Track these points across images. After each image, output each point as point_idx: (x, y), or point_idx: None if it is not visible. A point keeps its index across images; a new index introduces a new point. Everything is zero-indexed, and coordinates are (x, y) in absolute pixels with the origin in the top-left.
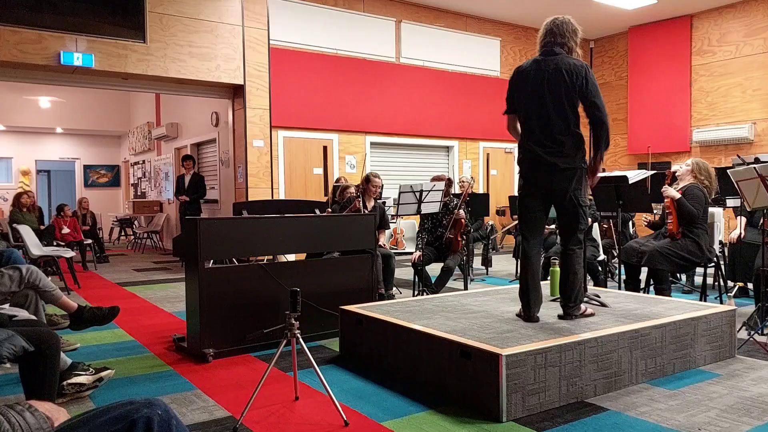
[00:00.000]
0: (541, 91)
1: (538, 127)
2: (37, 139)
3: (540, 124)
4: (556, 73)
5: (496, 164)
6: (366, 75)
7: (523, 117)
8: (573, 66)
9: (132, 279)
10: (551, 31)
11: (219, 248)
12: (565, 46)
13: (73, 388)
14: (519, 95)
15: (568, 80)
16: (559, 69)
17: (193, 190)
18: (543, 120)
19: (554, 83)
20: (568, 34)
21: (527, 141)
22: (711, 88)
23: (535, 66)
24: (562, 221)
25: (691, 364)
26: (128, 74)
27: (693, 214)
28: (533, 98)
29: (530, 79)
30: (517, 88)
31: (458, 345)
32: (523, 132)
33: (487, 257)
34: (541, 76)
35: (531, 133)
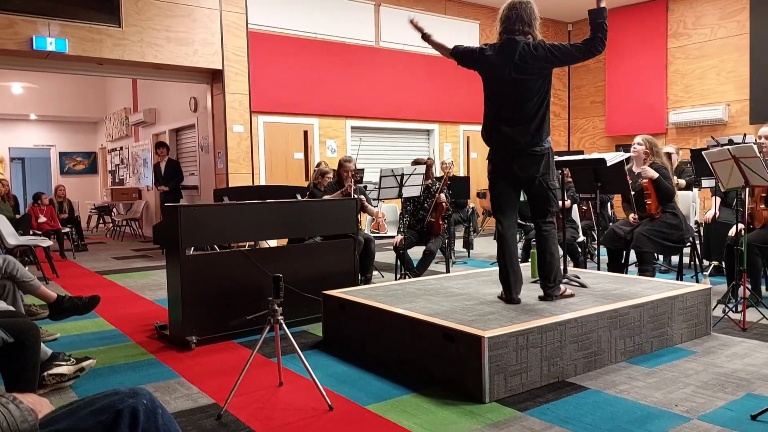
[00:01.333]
0: (505, 77)
1: (504, 113)
2: (10, 126)
3: (506, 110)
4: (520, 60)
5: (477, 147)
6: (346, 59)
7: (489, 103)
8: (532, 47)
9: (111, 267)
10: (517, 17)
11: (200, 235)
12: (528, 35)
13: (54, 378)
14: (485, 78)
15: (531, 63)
16: (522, 55)
17: (170, 176)
18: (509, 106)
19: (519, 69)
20: (532, 22)
21: (495, 126)
22: (687, 71)
23: (498, 54)
24: (534, 205)
25: (668, 342)
26: (103, 59)
27: (671, 192)
28: (498, 85)
29: (494, 66)
30: (481, 69)
31: (441, 328)
32: (490, 117)
33: (468, 240)
34: (506, 63)
35: (498, 119)
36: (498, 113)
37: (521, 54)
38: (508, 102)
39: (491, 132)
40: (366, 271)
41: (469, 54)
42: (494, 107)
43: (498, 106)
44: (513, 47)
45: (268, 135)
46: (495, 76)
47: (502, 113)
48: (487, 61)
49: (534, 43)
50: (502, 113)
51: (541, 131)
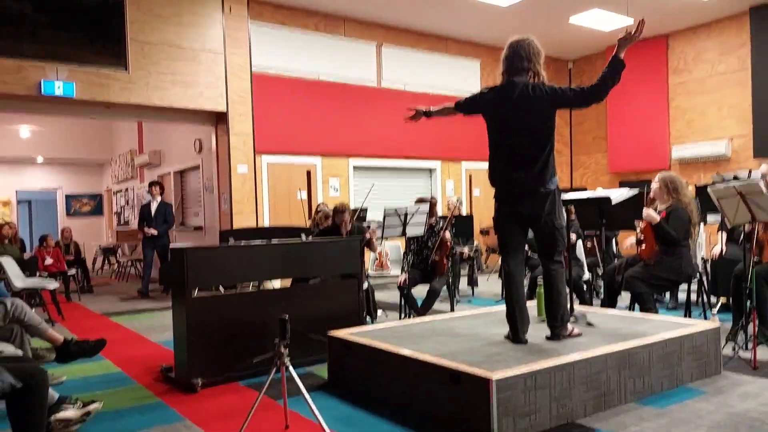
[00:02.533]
0: (508, 118)
1: (507, 156)
2: (17, 169)
3: (509, 152)
4: (522, 99)
5: (479, 184)
6: (348, 99)
7: (493, 145)
8: (530, 87)
9: (117, 309)
10: (515, 55)
11: (206, 277)
12: (530, 71)
13: (61, 423)
14: (488, 121)
15: (529, 104)
16: (521, 96)
17: (162, 219)
18: (512, 148)
19: (521, 109)
20: (533, 58)
21: (499, 168)
22: (688, 106)
23: (498, 96)
24: (540, 244)
25: (678, 382)
26: (111, 103)
27: (672, 239)
28: (500, 127)
29: (495, 108)
30: (485, 112)
31: (448, 370)
32: (494, 159)
33: (473, 277)
34: (508, 103)
35: (501, 161)
36: (502, 155)
37: (520, 94)
38: (510, 144)
39: (495, 174)
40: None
41: (471, 101)
42: (498, 149)
43: (501, 148)
44: (512, 88)
45: (271, 175)
46: (497, 118)
47: (506, 155)
48: (488, 103)
49: (533, 83)
50: (505, 155)
51: (545, 173)
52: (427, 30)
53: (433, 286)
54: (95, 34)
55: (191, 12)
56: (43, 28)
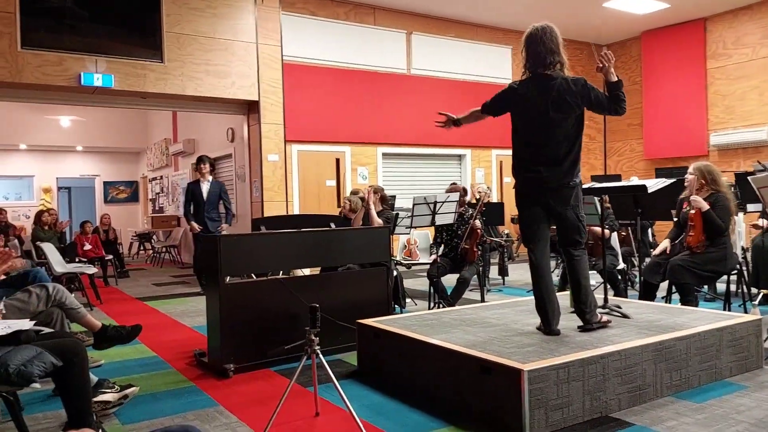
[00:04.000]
0: (541, 115)
1: (537, 153)
2: (58, 157)
3: (539, 149)
4: (558, 96)
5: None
6: (377, 87)
7: (520, 141)
8: (571, 81)
9: (152, 293)
10: (544, 50)
11: (239, 264)
12: (559, 63)
13: (100, 405)
14: (518, 116)
15: (569, 99)
16: (560, 91)
17: (215, 202)
18: (542, 145)
19: (556, 106)
20: (558, 48)
21: (526, 165)
22: (727, 92)
23: (532, 91)
24: (565, 235)
25: (717, 376)
26: (147, 93)
27: (720, 228)
28: (532, 123)
29: (529, 103)
30: (514, 107)
31: (478, 360)
32: (521, 156)
33: (504, 266)
34: (543, 100)
35: (530, 158)
36: (531, 151)
37: (559, 90)
38: (541, 141)
39: (520, 171)
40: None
41: (498, 100)
42: (527, 145)
43: (531, 143)
44: (549, 83)
45: (301, 163)
46: (529, 114)
47: (536, 151)
48: (520, 98)
49: (572, 77)
50: (535, 151)
51: (573, 170)
52: (457, 17)
53: (462, 275)
54: (132, 27)
55: (224, 4)
56: (82, 22)
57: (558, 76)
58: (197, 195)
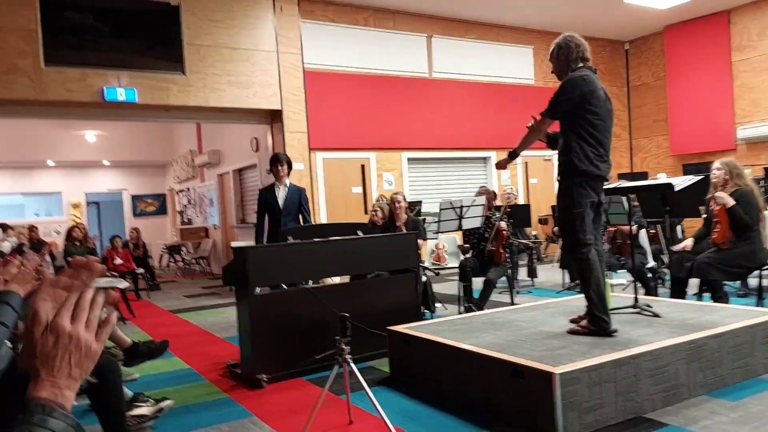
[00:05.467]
0: (608, 105)
1: (605, 138)
2: (85, 172)
3: (606, 135)
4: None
5: (536, 173)
6: (399, 92)
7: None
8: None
9: (183, 306)
10: (583, 47)
11: (268, 275)
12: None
13: (136, 420)
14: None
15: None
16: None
17: (296, 210)
18: (608, 132)
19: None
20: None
21: (602, 156)
22: (754, 84)
23: (596, 79)
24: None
25: (751, 374)
26: (170, 106)
27: (746, 223)
28: (605, 111)
29: (601, 90)
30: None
31: (510, 364)
32: (595, 146)
33: (532, 268)
34: (604, 90)
35: (602, 143)
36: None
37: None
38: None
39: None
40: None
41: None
42: (606, 140)
43: (607, 138)
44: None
45: (326, 171)
46: (606, 108)
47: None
48: (600, 92)
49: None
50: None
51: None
52: (478, 19)
53: (488, 277)
54: (153, 41)
55: (243, 14)
56: (103, 37)
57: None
58: (271, 202)
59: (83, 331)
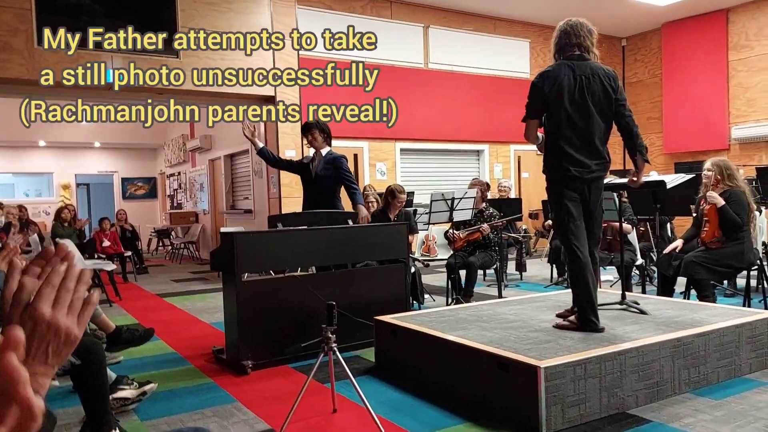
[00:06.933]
0: (581, 97)
1: (576, 134)
2: (76, 153)
3: (579, 130)
4: (593, 79)
5: (528, 167)
6: (395, 81)
7: (557, 122)
8: (608, 73)
9: (171, 290)
10: (573, 33)
11: (256, 261)
12: (590, 51)
13: (118, 402)
14: (555, 100)
15: (607, 86)
16: (596, 75)
17: (328, 182)
18: (582, 126)
19: (593, 89)
20: (590, 38)
21: (573, 156)
22: (750, 84)
23: (568, 71)
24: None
25: (736, 373)
26: (163, 89)
27: (736, 224)
28: (572, 104)
29: (566, 84)
30: (551, 93)
31: (496, 357)
32: (560, 139)
33: (521, 262)
34: (579, 81)
35: (570, 141)
36: (577, 139)
37: (594, 73)
38: (583, 124)
39: (568, 158)
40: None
41: (535, 99)
42: (582, 132)
43: (587, 128)
44: (584, 66)
45: None
46: (582, 99)
47: (575, 135)
48: (565, 83)
49: (609, 70)
50: (575, 135)
51: (608, 155)
52: (475, 10)
53: (468, 260)
54: (148, 23)
55: None
56: (98, 18)
57: (589, 58)
58: (303, 171)
59: (64, 317)
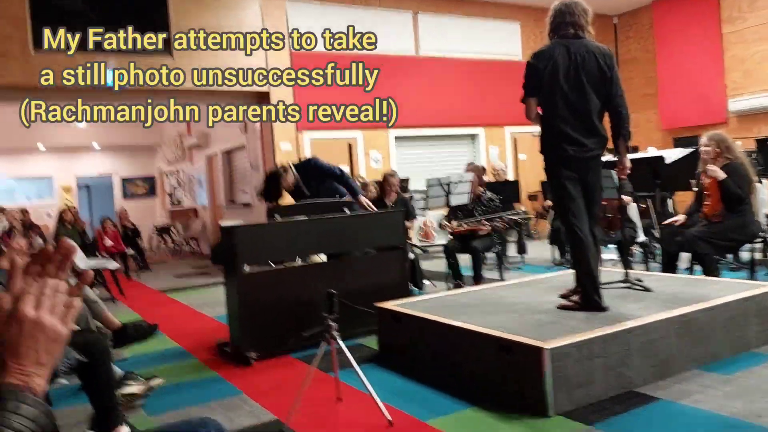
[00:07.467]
0: (576, 75)
1: (572, 113)
2: (75, 156)
3: (575, 109)
4: (588, 57)
5: (525, 149)
6: (386, 70)
7: (553, 102)
8: (603, 52)
9: (173, 285)
10: (567, 12)
11: (256, 253)
12: (585, 29)
13: (125, 398)
14: (550, 79)
15: (602, 65)
16: (591, 53)
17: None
18: (578, 105)
19: (588, 68)
20: (585, 16)
21: (564, 128)
22: (745, 56)
23: (563, 50)
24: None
25: (743, 347)
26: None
27: (738, 196)
28: (568, 83)
29: (561, 63)
30: (546, 72)
31: (499, 340)
32: (556, 119)
33: (522, 244)
34: (574, 60)
35: (566, 120)
36: (581, 117)
37: (588, 51)
38: (577, 101)
39: (571, 147)
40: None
41: (531, 78)
42: (578, 111)
43: (583, 107)
44: (579, 44)
45: (314, 150)
46: (578, 78)
47: (570, 113)
48: (549, 61)
49: (605, 48)
50: (569, 113)
51: (604, 132)
52: None
53: (472, 246)
54: (141, 24)
55: None
56: (92, 22)
57: (583, 36)
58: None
59: (47, 316)
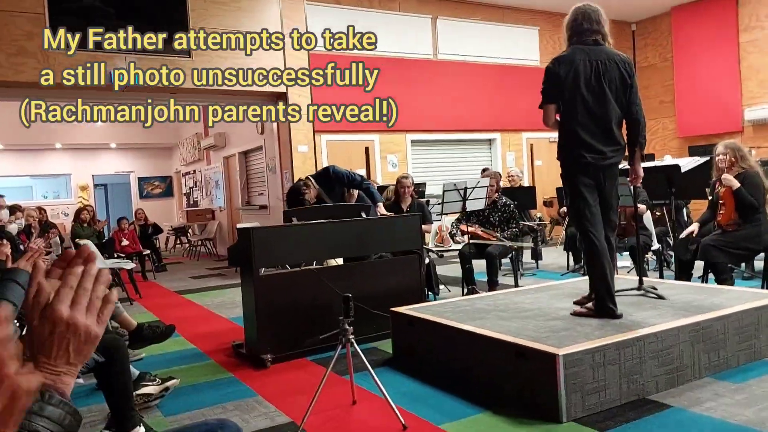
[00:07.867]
0: (597, 82)
1: (592, 120)
2: (93, 155)
3: (595, 116)
4: (610, 65)
5: (541, 155)
6: (404, 74)
7: (573, 108)
8: (623, 59)
9: (189, 286)
10: (586, 19)
11: (272, 256)
12: (604, 37)
13: (142, 398)
14: (571, 86)
15: (623, 72)
16: (612, 61)
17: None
18: (598, 112)
19: (610, 75)
20: (604, 24)
21: (583, 135)
22: (761, 65)
23: (583, 56)
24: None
25: (756, 356)
26: (176, 89)
27: (752, 205)
28: (589, 90)
29: (582, 70)
30: (567, 78)
31: (513, 345)
32: (575, 125)
33: (537, 250)
34: (596, 67)
35: (586, 127)
36: (601, 124)
37: (609, 59)
38: (597, 108)
39: (590, 155)
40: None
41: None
42: (598, 118)
43: (603, 114)
44: (600, 51)
45: (331, 153)
46: (599, 85)
47: (590, 119)
48: (581, 68)
49: (625, 56)
50: (589, 120)
51: (623, 140)
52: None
53: (487, 251)
54: (159, 24)
55: None
56: (110, 20)
57: (603, 43)
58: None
59: (82, 316)
